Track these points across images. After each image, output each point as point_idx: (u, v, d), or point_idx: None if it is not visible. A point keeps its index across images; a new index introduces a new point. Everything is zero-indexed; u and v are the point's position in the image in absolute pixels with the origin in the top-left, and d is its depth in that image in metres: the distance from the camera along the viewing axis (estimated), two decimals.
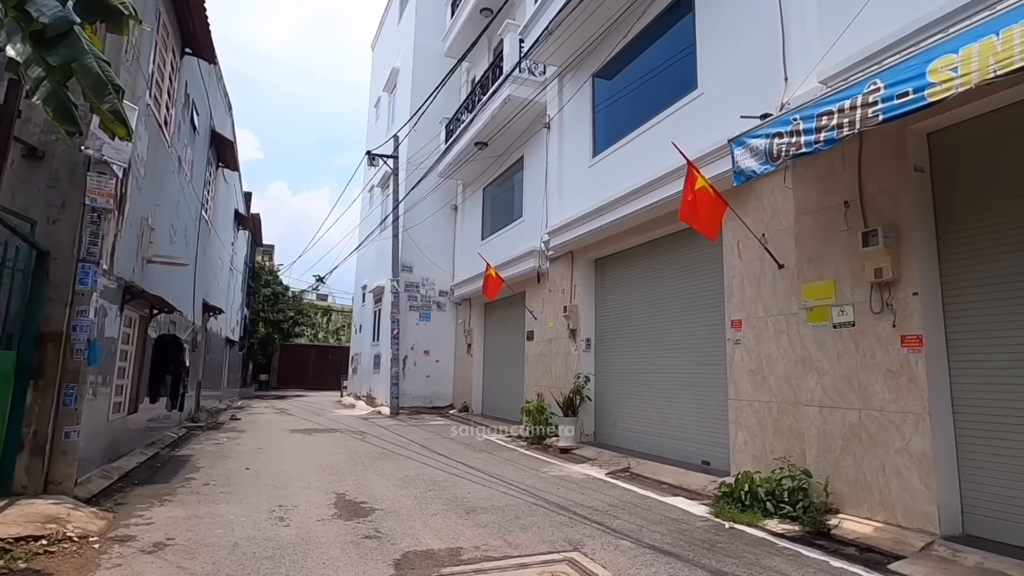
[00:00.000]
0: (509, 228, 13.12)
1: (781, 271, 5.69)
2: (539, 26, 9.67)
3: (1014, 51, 2.95)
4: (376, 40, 24.10)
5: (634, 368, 8.60)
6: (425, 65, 17.13)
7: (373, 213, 20.01)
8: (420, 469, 7.20)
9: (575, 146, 10.20)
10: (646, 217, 7.82)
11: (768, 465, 5.45)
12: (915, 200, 4.51)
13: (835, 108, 3.94)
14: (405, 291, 16.09)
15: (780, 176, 5.60)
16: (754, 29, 6.26)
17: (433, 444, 9.52)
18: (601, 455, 8.03)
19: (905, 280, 4.46)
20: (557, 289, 10.41)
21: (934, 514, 4.14)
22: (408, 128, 15.87)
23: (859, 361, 4.75)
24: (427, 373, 16.26)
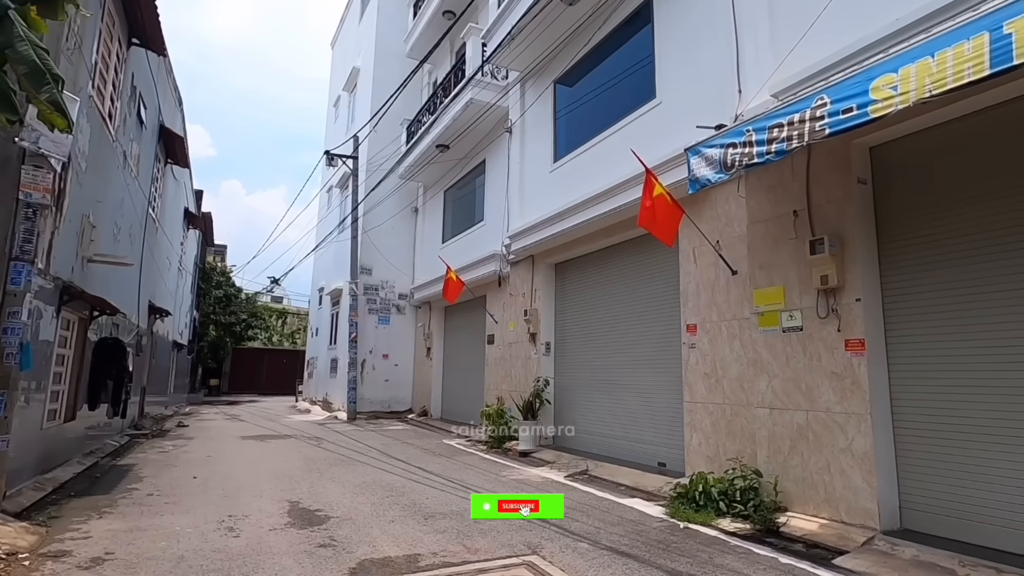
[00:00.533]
0: (470, 231, 13.08)
1: (734, 277, 5.87)
2: (502, 31, 9.71)
3: (947, 73, 3.14)
4: (336, 38, 23.68)
5: (593, 371, 8.70)
6: (386, 65, 16.94)
7: (331, 214, 19.61)
8: (378, 475, 7.08)
9: (537, 151, 10.27)
10: (606, 222, 7.94)
11: (721, 466, 5.60)
12: (858, 211, 4.73)
13: (785, 121, 4.10)
14: (364, 294, 15.82)
15: (734, 185, 5.79)
16: (710, 42, 6.46)
17: (391, 449, 9.38)
18: (560, 458, 8.08)
19: (849, 287, 4.68)
20: (518, 293, 10.44)
21: (874, 510, 4.34)
22: (368, 129, 15.64)
23: (807, 364, 4.94)
24: (386, 377, 16.02)
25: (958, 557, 3.74)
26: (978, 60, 3.01)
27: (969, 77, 3.04)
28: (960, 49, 3.11)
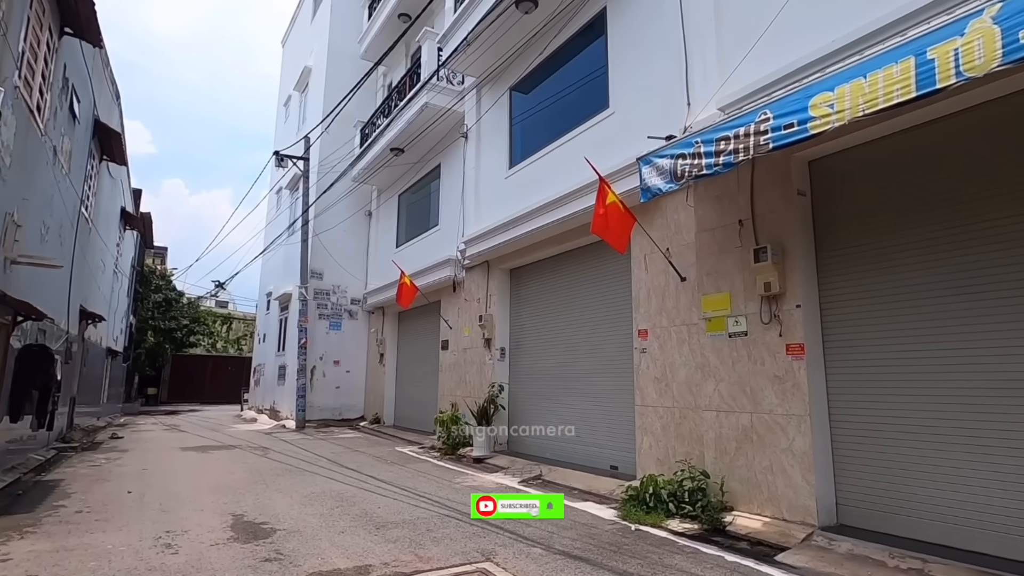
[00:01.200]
0: (425, 236, 12.97)
1: (683, 284, 6.04)
2: (458, 36, 9.70)
3: (879, 93, 3.34)
4: (287, 36, 23.09)
5: (548, 376, 8.76)
6: (339, 66, 16.63)
7: (281, 216, 19.04)
8: (327, 485, 6.89)
9: (492, 157, 10.30)
10: (560, 229, 8.03)
11: (671, 468, 5.73)
12: (798, 221, 4.96)
13: (731, 134, 4.27)
14: (314, 299, 15.42)
15: (683, 195, 5.97)
16: (661, 56, 6.65)
17: (342, 458, 9.16)
18: (514, 463, 8.09)
19: (790, 293, 4.89)
20: (473, 298, 10.41)
21: (813, 507, 4.54)
22: (320, 130, 15.29)
23: (751, 368, 5.13)
24: (337, 384, 15.64)
25: (889, 549, 3.95)
26: (906, 82, 3.22)
27: (898, 98, 3.25)
28: (890, 71, 3.32)
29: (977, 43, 2.94)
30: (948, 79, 3.04)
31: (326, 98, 16.01)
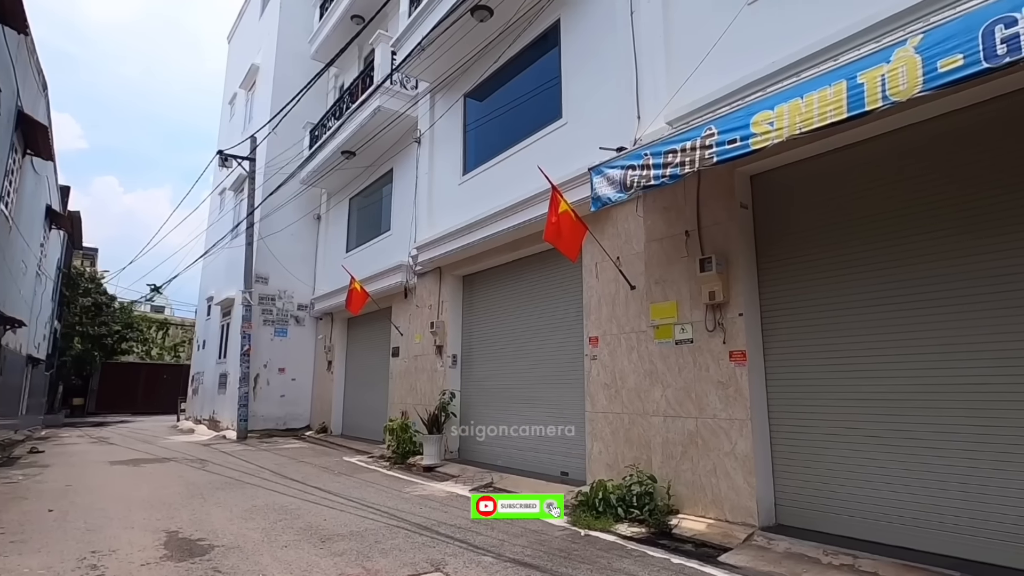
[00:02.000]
0: (376, 241, 12.77)
1: (633, 292, 6.18)
2: (412, 41, 9.64)
3: (814, 113, 3.53)
4: (234, 32, 22.32)
5: (500, 383, 8.76)
6: (288, 65, 16.20)
7: (224, 218, 18.31)
8: (270, 497, 6.64)
9: (446, 163, 10.25)
10: (513, 236, 8.07)
11: (620, 473, 5.83)
12: (740, 233, 5.17)
13: (679, 147, 4.41)
14: (259, 304, 14.88)
15: (633, 205, 6.12)
16: (613, 70, 6.81)
17: (286, 469, 8.85)
18: (465, 471, 8.03)
19: (733, 302, 5.09)
20: (424, 305, 10.31)
21: (754, 508, 4.72)
22: (268, 130, 14.82)
23: (696, 374, 5.29)
24: (282, 392, 15.12)
25: (823, 547, 4.14)
26: (838, 104, 3.42)
27: (831, 118, 3.44)
28: (824, 93, 3.51)
29: (901, 70, 3.15)
30: (876, 102, 3.25)
31: (274, 97, 15.55)
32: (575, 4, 7.62)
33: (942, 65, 2.99)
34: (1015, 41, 2.77)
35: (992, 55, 2.83)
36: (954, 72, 2.94)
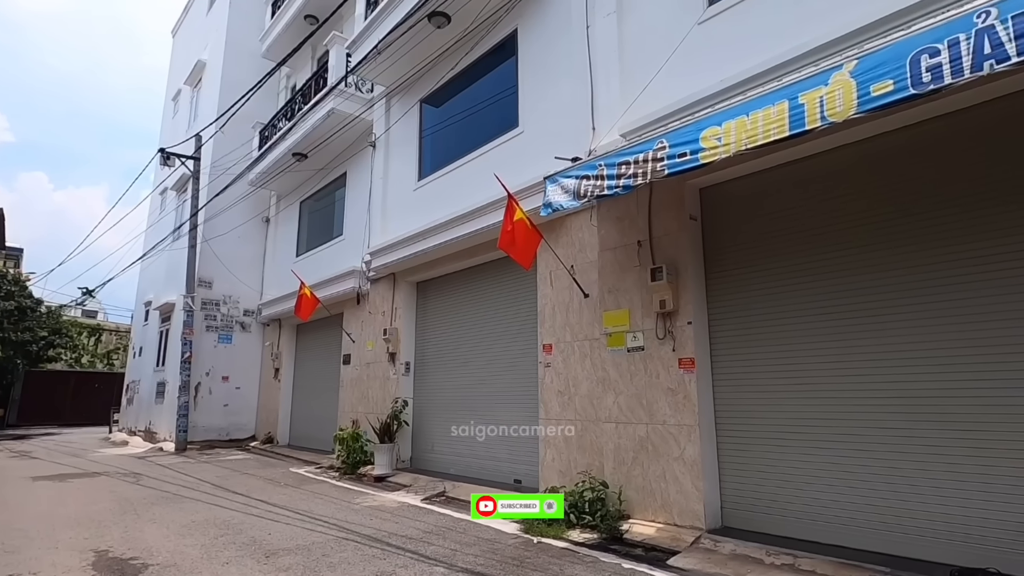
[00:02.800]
0: (328, 246, 12.48)
1: (587, 300, 6.27)
2: (368, 44, 9.52)
3: (759, 130, 3.70)
4: (179, 26, 21.46)
5: (453, 391, 8.69)
6: (237, 63, 15.69)
7: (166, 219, 17.51)
8: (211, 512, 6.34)
9: (401, 168, 10.15)
10: (469, 243, 8.05)
11: (573, 479, 5.87)
12: (689, 243, 5.34)
13: (632, 159, 4.52)
14: (202, 309, 14.26)
15: (587, 215, 6.22)
16: (569, 81, 6.92)
17: (228, 482, 8.48)
18: (417, 481, 7.91)
19: (682, 311, 5.23)
20: (377, 311, 10.13)
21: (701, 512, 4.84)
22: (214, 128, 14.30)
23: (647, 381, 5.41)
24: (225, 402, 14.50)
25: (766, 548, 4.29)
26: (781, 122, 3.59)
27: (775, 136, 3.61)
28: (768, 112, 3.68)
29: (838, 93, 3.34)
30: (815, 122, 3.43)
31: (221, 95, 15.02)
32: (533, 15, 7.71)
33: (875, 89, 3.19)
34: (938, 70, 2.98)
35: (918, 82, 3.04)
36: (885, 96, 3.14)
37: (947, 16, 3.15)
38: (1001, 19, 2.84)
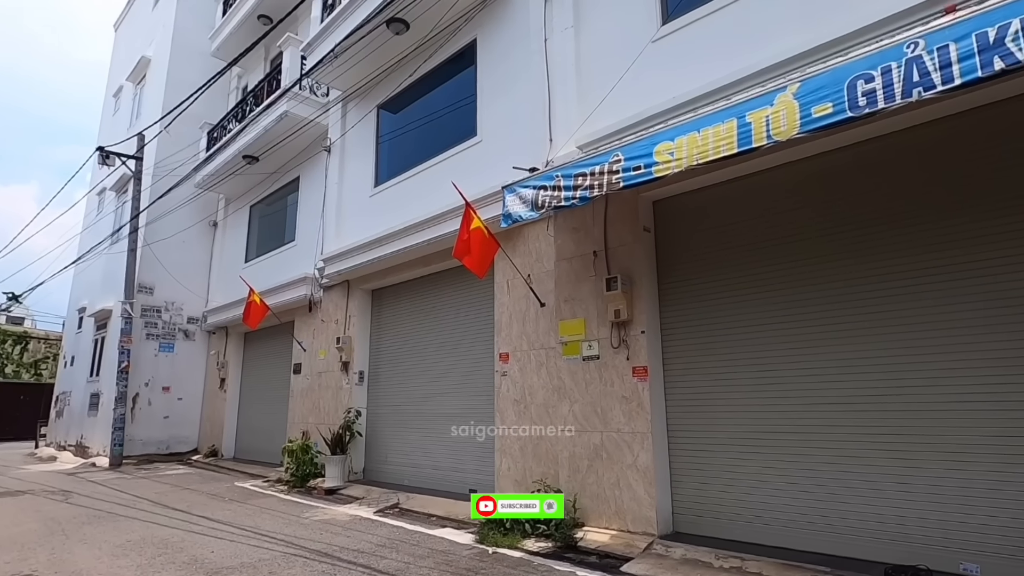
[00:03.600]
0: (279, 251, 12.12)
1: (543, 309, 6.31)
2: (324, 47, 9.35)
3: (709, 147, 3.83)
4: (122, 20, 20.52)
5: (408, 401, 8.57)
6: (185, 61, 15.14)
7: (103, 221, 16.62)
8: (149, 530, 6.02)
9: (357, 173, 9.99)
10: (425, 251, 7.99)
11: (528, 488, 5.87)
12: (643, 254, 5.47)
13: (588, 171, 4.60)
14: (141, 316, 13.57)
15: (544, 224, 6.28)
16: (527, 93, 6.99)
17: (168, 498, 8.07)
18: (370, 493, 7.74)
19: (636, 320, 5.34)
20: (330, 319, 9.90)
21: (653, 518, 4.93)
22: (159, 128, 13.70)
23: (602, 389, 5.48)
24: (165, 414, 13.81)
25: (715, 551, 4.41)
26: (729, 140, 3.74)
27: (724, 152, 3.75)
28: (718, 129, 3.83)
29: (783, 113, 3.51)
30: (761, 140, 3.59)
31: (167, 94, 14.44)
32: (492, 26, 7.77)
33: (816, 111, 3.36)
34: (873, 95, 3.18)
35: (855, 106, 3.23)
36: (826, 118, 3.32)
37: (881, 45, 3.36)
38: (928, 50, 3.05)
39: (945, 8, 3.68)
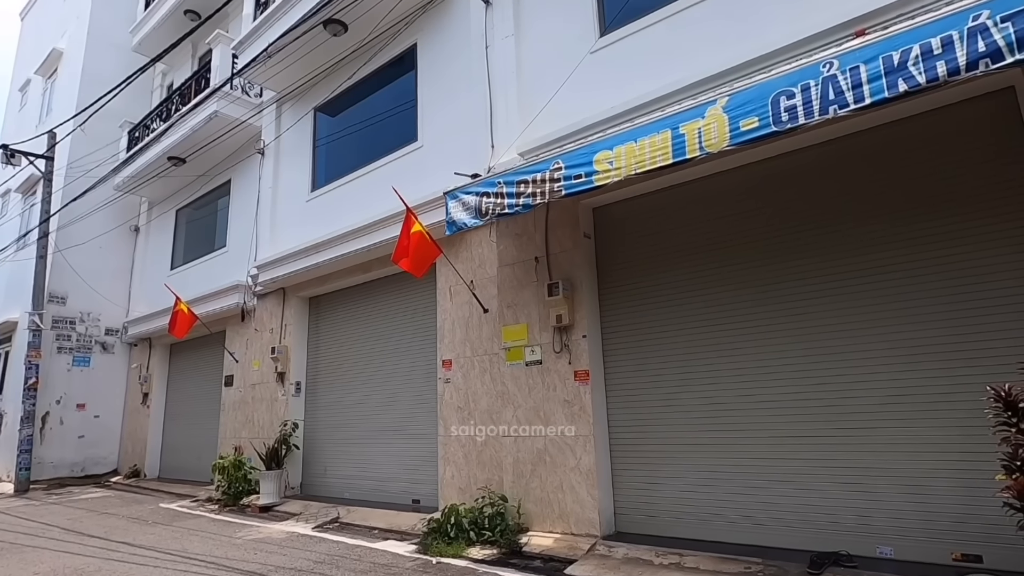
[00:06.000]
0: (209, 258, 11.53)
1: (486, 315, 6.31)
2: (257, 46, 9.00)
3: (646, 156, 3.97)
4: (29, 8, 19.01)
5: (348, 411, 8.33)
6: (102, 55, 14.18)
7: (7, 225, 15.29)
8: (59, 560, 5.55)
9: (292, 177, 9.67)
10: (365, 257, 7.82)
11: (473, 496, 5.84)
12: (584, 260, 5.58)
13: (530, 178, 4.66)
14: (53, 328, 12.53)
15: (487, 231, 6.29)
16: (469, 98, 6.99)
17: (83, 524, 7.47)
18: (308, 508, 7.46)
19: (578, 325, 5.43)
20: (265, 328, 9.50)
21: (596, 519, 5.01)
22: (72, 125, 12.75)
23: (545, 394, 5.54)
24: (80, 433, 12.78)
25: (655, 549, 4.53)
26: (664, 150, 3.88)
27: (660, 162, 3.90)
28: (654, 139, 3.97)
29: (714, 126, 3.68)
30: (694, 151, 3.75)
31: (82, 89, 13.48)
32: (432, 31, 7.73)
33: (744, 125, 3.55)
34: (794, 111, 3.39)
35: (779, 120, 3.44)
36: (753, 131, 3.52)
37: (799, 64, 3.59)
38: (841, 69, 3.29)
39: (855, 31, 3.97)
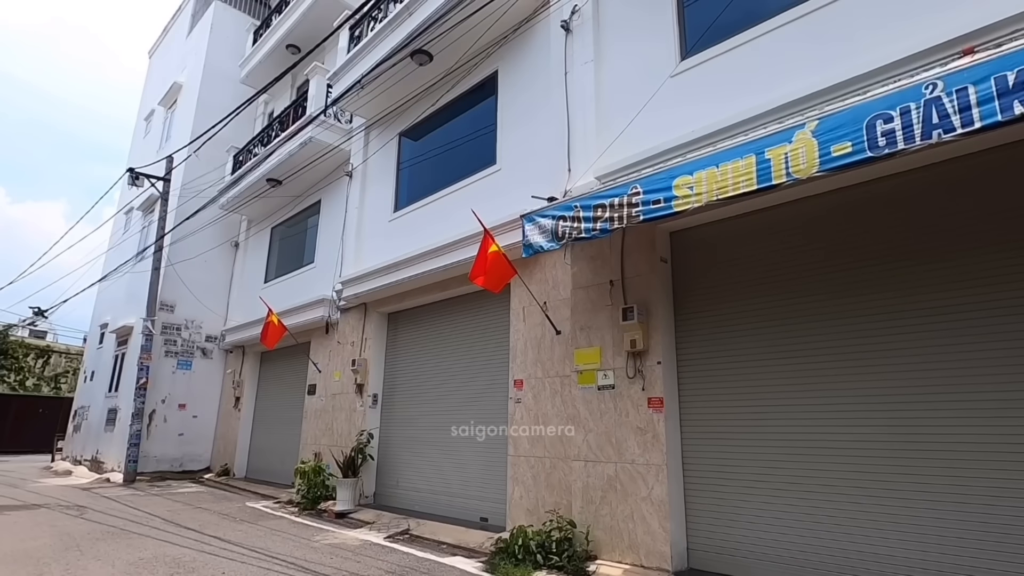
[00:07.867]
0: (298, 273, 12.32)
1: (558, 337, 6.32)
2: (350, 77, 9.65)
3: (728, 182, 3.88)
4: (156, 47, 21.35)
5: (421, 425, 8.56)
6: (215, 87, 15.67)
7: (129, 240, 17.04)
8: (161, 548, 6.04)
9: (377, 198, 10.19)
10: (443, 276, 8.07)
11: (540, 518, 5.81)
12: (660, 285, 5.48)
13: (607, 203, 4.66)
14: (162, 333, 13.79)
15: (561, 253, 6.33)
16: (547, 123, 7.13)
17: (180, 516, 8.09)
18: (381, 518, 7.70)
19: (652, 351, 5.33)
20: (347, 341, 9.99)
21: (668, 553, 4.85)
22: (187, 151, 14.13)
23: (617, 419, 5.45)
24: (180, 431, 13.92)
25: None
26: (749, 176, 3.78)
27: (744, 188, 3.80)
28: (736, 164, 3.88)
29: (802, 151, 3.55)
30: (781, 178, 3.63)
31: (196, 118, 14.92)
32: (513, 59, 7.97)
33: (835, 150, 3.40)
34: (892, 135, 3.21)
35: (874, 146, 3.26)
36: (845, 157, 3.36)
37: (899, 85, 3.40)
38: (947, 91, 3.09)
39: (963, 50, 3.72)
